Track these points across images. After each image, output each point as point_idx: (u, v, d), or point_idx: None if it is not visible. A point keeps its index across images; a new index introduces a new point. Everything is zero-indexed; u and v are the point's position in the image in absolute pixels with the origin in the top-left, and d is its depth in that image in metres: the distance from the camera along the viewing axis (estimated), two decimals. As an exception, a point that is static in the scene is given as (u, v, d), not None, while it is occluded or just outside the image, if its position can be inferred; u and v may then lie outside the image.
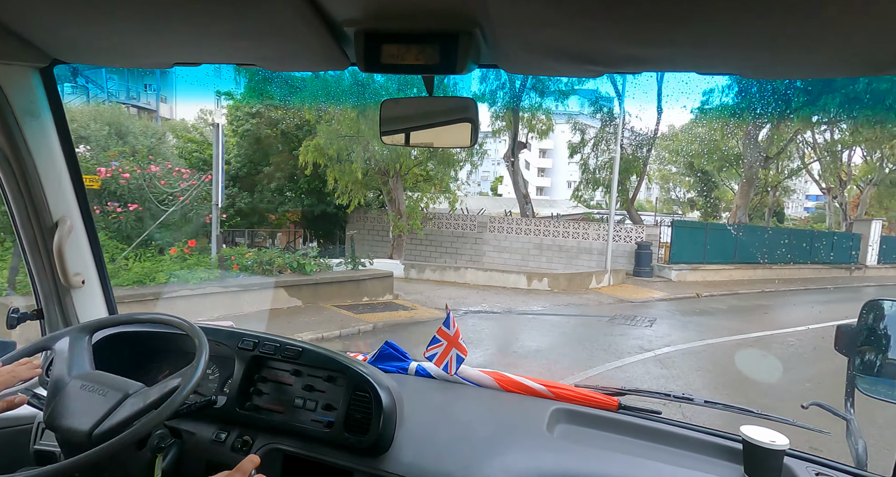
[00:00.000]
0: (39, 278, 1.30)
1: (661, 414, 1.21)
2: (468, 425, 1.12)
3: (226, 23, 0.81)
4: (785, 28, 0.70)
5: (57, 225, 1.25)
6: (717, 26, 0.71)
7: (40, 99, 1.17)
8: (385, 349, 1.40)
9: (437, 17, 0.76)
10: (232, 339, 1.19)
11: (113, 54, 1.03)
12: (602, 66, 0.88)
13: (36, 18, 0.86)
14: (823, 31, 0.70)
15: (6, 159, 1.16)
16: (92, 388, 0.93)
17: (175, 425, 1.12)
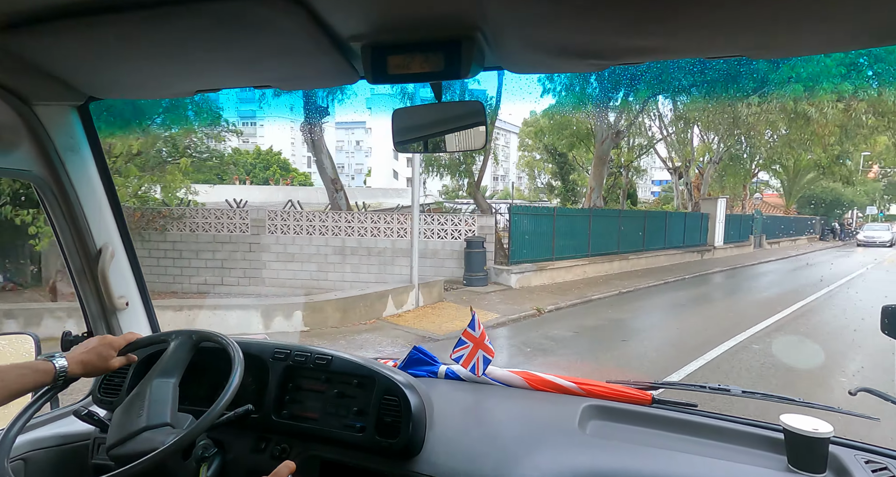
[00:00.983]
0: (88, 302, 1.37)
1: (697, 407, 1.18)
2: (499, 425, 1.12)
3: (241, 49, 0.85)
4: (789, 4, 0.68)
5: (100, 251, 1.32)
6: (720, 10, 0.70)
7: (79, 134, 1.24)
8: (414, 354, 1.41)
9: (439, 26, 0.79)
10: (265, 350, 1.24)
11: (140, 88, 1.11)
12: (606, 59, 0.88)
13: (73, 62, 0.94)
14: (829, 3, 0.68)
15: (52, 192, 1.23)
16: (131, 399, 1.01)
17: (217, 436, 1.12)
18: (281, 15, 0.73)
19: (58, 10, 0.75)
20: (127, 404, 1.01)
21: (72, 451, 1.26)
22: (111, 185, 1.35)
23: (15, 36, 0.81)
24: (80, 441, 1.21)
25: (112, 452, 0.93)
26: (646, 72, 9.86)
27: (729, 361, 5.28)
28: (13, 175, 1.20)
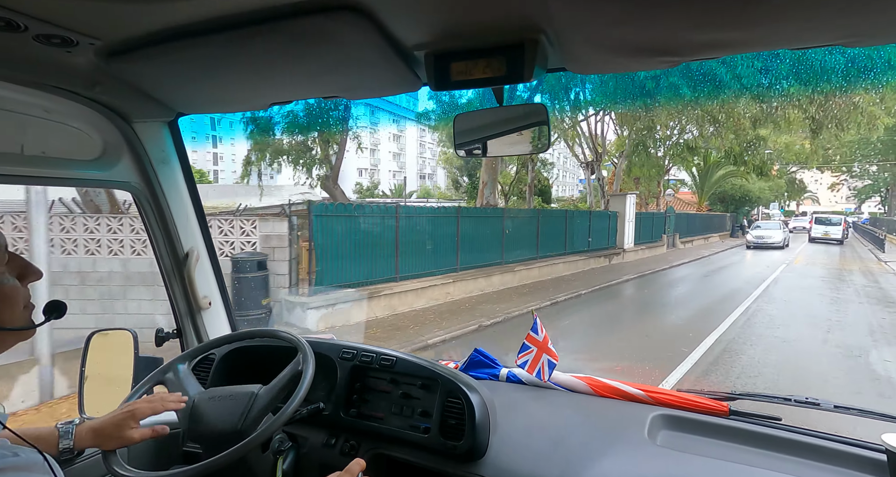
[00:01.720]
0: (176, 301, 1.46)
1: (781, 420, 1.11)
2: (563, 431, 1.11)
3: (313, 61, 0.89)
4: None
5: (187, 255, 1.42)
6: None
7: (169, 147, 1.33)
8: (475, 357, 1.41)
9: (501, 31, 0.79)
10: (333, 350, 1.30)
11: (221, 103, 1.19)
12: (679, 55, 0.84)
13: (165, 82, 1.02)
14: None
15: (147, 201, 1.34)
16: (220, 397, 1.04)
17: (292, 431, 1.22)
18: (349, 28, 0.76)
19: (154, 36, 0.83)
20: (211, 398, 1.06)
21: (165, 438, 1.24)
22: (196, 193, 1.44)
23: (119, 62, 0.90)
24: (172, 430, 1.18)
25: (241, 426, 0.98)
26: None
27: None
28: (116, 186, 1.30)
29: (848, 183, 47.89)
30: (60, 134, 1.10)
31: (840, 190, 52.06)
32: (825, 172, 47.31)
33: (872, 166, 39.93)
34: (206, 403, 1.05)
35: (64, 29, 0.77)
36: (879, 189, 41.29)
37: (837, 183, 48.35)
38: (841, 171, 44.56)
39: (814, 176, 55.76)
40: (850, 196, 51.05)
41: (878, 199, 46.66)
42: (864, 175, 41.70)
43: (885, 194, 42.05)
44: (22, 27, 0.75)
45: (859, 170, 42.08)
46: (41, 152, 1.06)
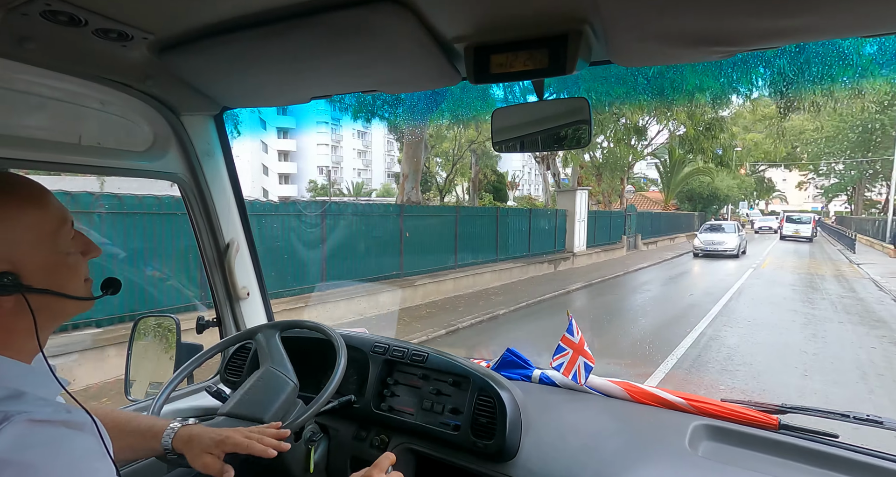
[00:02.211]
0: (217, 290, 1.50)
1: (839, 437, 1.03)
2: (598, 436, 1.07)
3: (354, 55, 0.89)
4: None
5: (228, 246, 1.46)
6: None
7: (214, 141, 1.37)
8: (507, 356, 1.39)
9: (544, 22, 0.77)
10: (365, 344, 1.31)
11: (265, 97, 1.21)
12: (735, 45, 0.80)
13: (213, 76, 1.06)
14: None
15: (192, 193, 1.37)
16: (254, 387, 1.07)
17: (323, 422, 1.24)
18: (390, 20, 0.76)
19: (203, 30, 0.85)
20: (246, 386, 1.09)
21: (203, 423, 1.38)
22: (238, 186, 1.48)
23: (170, 55, 0.92)
24: (210, 416, 1.24)
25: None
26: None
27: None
28: (164, 177, 1.32)
29: (815, 181, 47.35)
30: (114, 125, 1.14)
31: (807, 189, 51.74)
32: (793, 171, 46.59)
33: (839, 165, 39.20)
34: (242, 394, 1.07)
35: (121, 23, 0.81)
36: (846, 187, 40.72)
37: (805, 182, 47.87)
38: (808, 170, 43.88)
39: (782, 175, 55.43)
40: (818, 195, 50.77)
41: (844, 198, 46.29)
42: (831, 173, 41.03)
43: (851, 193, 41.51)
44: (83, 22, 0.78)
45: (826, 168, 41.31)
46: (97, 143, 1.10)
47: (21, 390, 0.58)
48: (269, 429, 0.95)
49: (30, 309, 0.59)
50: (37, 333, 0.61)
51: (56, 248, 0.64)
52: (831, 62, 6.37)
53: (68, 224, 0.66)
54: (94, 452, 0.57)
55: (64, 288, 0.64)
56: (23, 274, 0.59)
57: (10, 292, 0.58)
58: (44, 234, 0.62)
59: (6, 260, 0.58)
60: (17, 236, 0.59)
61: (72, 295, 0.65)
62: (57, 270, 0.64)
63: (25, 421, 0.53)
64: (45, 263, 0.62)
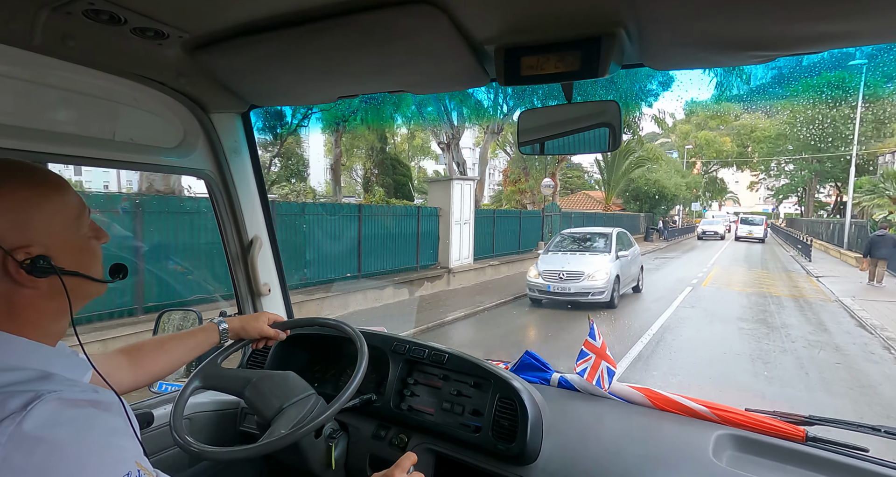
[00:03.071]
0: (239, 285, 1.51)
1: (869, 452, 1.00)
2: (620, 442, 1.07)
3: (384, 55, 0.90)
4: None
5: (252, 242, 1.47)
6: None
7: (241, 138, 1.39)
8: (526, 359, 1.38)
9: (577, 24, 0.76)
10: (385, 343, 1.31)
11: (292, 96, 1.25)
12: (774, 49, 0.80)
13: (242, 74, 1.07)
14: None
15: (219, 189, 1.39)
16: (280, 382, 1.08)
17: (343, 420, 1.24)
18: (422, 22, 0.77)
19: (236, 30, 0.86)
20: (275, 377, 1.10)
21: (224, 416, 1.40)
22: (263, 183, 1.50)
23: (202, 54, 0.94)
24: (230, 409, 1.29)
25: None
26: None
27: None
28: (192, 173, 1.34)
29: (766, 182, 45.46)
30: (146, 122, 1.15)
31: (759, 189, 50.09)
32: (744, 171, 44.60)
33: (789, 165, 37.00)
34: (268, 380, 1.08)
35: (158, 22, 0.83)
36: (796, 188, 38.87)
37: (756, 182, 46.12)
38: (759, 170, 41.80)
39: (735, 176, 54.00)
40: (769, 196, 49.19)
41: (794, 200, 44.75)
42: (781, 174, 39.03)
43: (801, 194, 39.71)
44: (123, 20, 0.81)
45: (777, 168, 39.15)
46: (130, 139, 1.12)
47: (49, 372, 0.59)
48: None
49: (65, 290, 0.62)
50: (71, 313, 0.65)
51: (80, 232, 0.67)
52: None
53: (87, 210, 0.69)
54: (122, 432, 0.58)
55: (89, 270, 0.67)
56: (55, 257, 0.62)
57: (46, 274, 0.60)
58: (69, 219, 0.65)
59: (41, 244, 0.60)
60: (48, 222, 0.62)
61: (96, 278, 0.68)
62: (82, 254, 0.67)
63: (56, 400, 0.54)
64: (72, 247, 0.65)
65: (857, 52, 17.43)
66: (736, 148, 41.01)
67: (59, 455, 0.50)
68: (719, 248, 23.18)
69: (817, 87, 21.74)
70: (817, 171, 33.97)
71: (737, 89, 18.76)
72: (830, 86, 21.27)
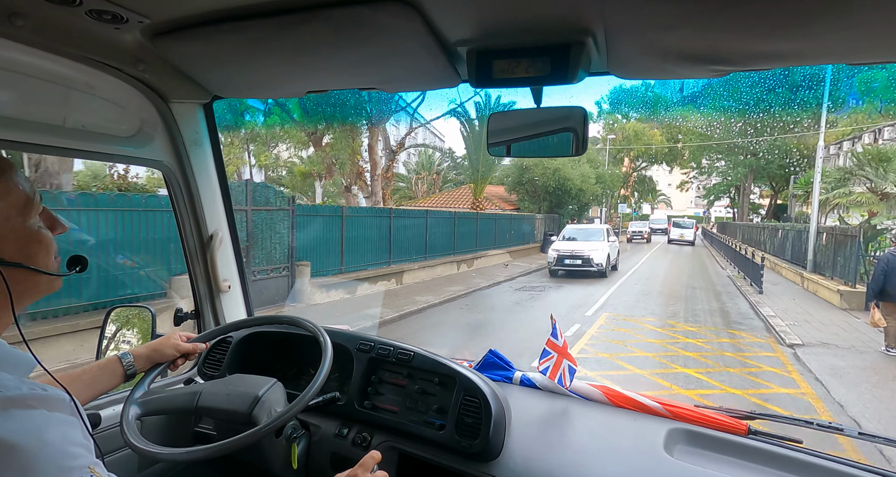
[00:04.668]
0: (197, 282, 1.47)
1: (803, 443, 1.07)
2: (578, 438, 1.11)
3: (355, 52, 0.89)
4: None
5: (212, 237, 1.43)
6: (879, 9, 0.64)
7: (203, 129, 1.35)
8: (489, 358, 1.39)
9: (549, 30, 0.79)
10: (351, 341, 1.29)
11: (258, 88, 1.21)
12: (728, 65, 0.84)
13: (205, 64, 1.03)
14: None
15: (177, 181, 1.34)
16: (237, 382, 1.07)
17: (304, 418, 1.23)
18: (395, 20, 0.76)
19: (202, 17, 0.83)
20: (228, 380, 1.09)
21: (178, 416, 1.33)
22: (224, 176, 1.45)
23: (164, 41, 0.90)
24: (185, 411, 1.23)
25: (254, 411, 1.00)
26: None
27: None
28: (149, 164, 1.29)
29: (697, 181, 39.92)
30: (101, 109, 1.10)
31: (689, 190, 45.01)
32: (674, 169, 38.88)
33: (720, 161, 31.34)
34: (222, 386, 1.06)
35: (117, 5, 0.79)
36: (729, 188, 33.48)
37: (687, 181, 40.85)
38: (690, 167, 35.97)
39: (667, 179, 49.02)
40: (699, 198, 44.13)
41: (726, 202, 39.90)
42: (713, 171, 33.46)
43: (734, 195, 34.39)
44: (77, 1, 0.76)
45: (708, 165, 33.44)
46: (82, 126, 1.07)
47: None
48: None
49: (4, 282, 0.59)
50: (12, 306, 0.61)
51: (26, 222, 0.64)
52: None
53: (37, 198, 0.66)
54: (74, 436, 0.57)
55: (35, 263, 0.64)
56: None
57: None
58: (13, 207, 0.62)
59: None
60: None
61: (45, 270, 0.65)
62: (28, 244, 0.64)
63: (1, 399, 0.52)
64: (17, 237, 0.62)
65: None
66: (666, 142, 35.21)
67: (9, 458, 0.49)
68: (635, 263, 16.36)
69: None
70: (752, 166, 28.47)
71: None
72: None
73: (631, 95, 31.05)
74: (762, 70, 0.84)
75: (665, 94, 28.74)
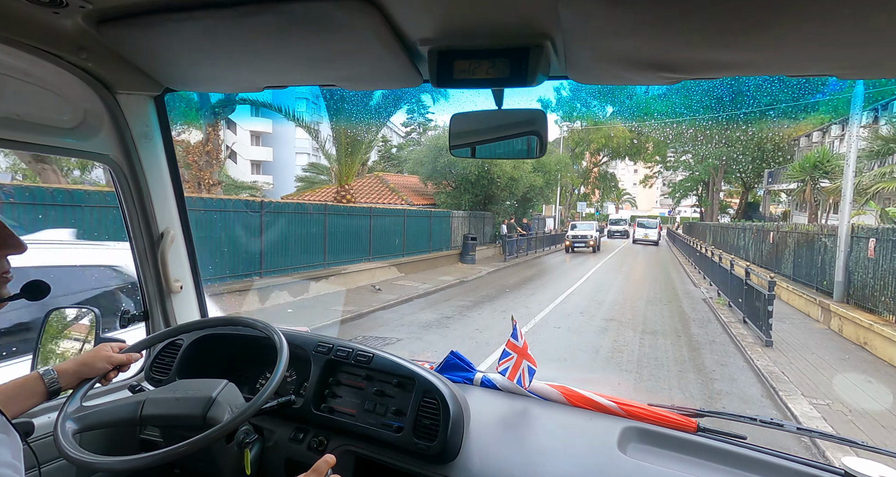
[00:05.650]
0: (146, 283, 1.40)
1: (747, 439, 1.12)
2: (535, 438, 1.11)
3: (314, 48, 0.87)
4: (886, 23, 0.65)
5: (162, 235, 1.36)
6: (817, 25, 0.67)
7: (153, 123, 1.28)
8: (451, 359, 1.38)
9: (508, 33, 0.80)
10: (308, 343, 1.26)
11: (213, 81, 1.14)
12: (679, 73, 0.86)
13: (156, 54, 0.98)
14: None
15: (124, 176, 1.28)
16: (185, 387, 1.02)
17: (258, 423, 1.18)
18: (356, 17, 0.74)
19: (150, 5, 0.78)
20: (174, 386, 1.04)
21: (121, 425, 1.25)
22: (177, 172, 1.39)
23: (109, 28, 0.85)
24: (128, 419, 1.20)
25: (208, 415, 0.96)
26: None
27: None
28: (92, 158, 1.23)
29: (662, 176, 35.94)
30: (39, 98, 1.04)
31: (653, 186, 41.35)
32: (639, 169, 34.84)
33: (687, 154, 27.24)
34: (168, 392, 1.02)
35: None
36: (697, 184, 29.47)
37: (651, 175, 36.93)
38: (654, 161, 31.89)
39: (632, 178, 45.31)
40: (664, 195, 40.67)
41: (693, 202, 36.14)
42: (679, 166, 29.47)
43: (701, 192, 30.37)
44: None
45: (674, 158, 31.97)
46: (16, 115, 1.01)
47: None
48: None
49: None
50: None
51: None
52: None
53: None
54: (2, 449, 0.54)
55: None
56: None
57: None
58: None
59: None
60: None
61: None
62: None
63: None
64: None
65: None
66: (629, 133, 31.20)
67: None
68: (565, 288, 11.39)
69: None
70: (724, 158, 24.33)
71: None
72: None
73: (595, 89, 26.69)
74: (709, 79, 0.87)
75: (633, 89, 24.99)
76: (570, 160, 30.88)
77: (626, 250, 23.84)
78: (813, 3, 0.60)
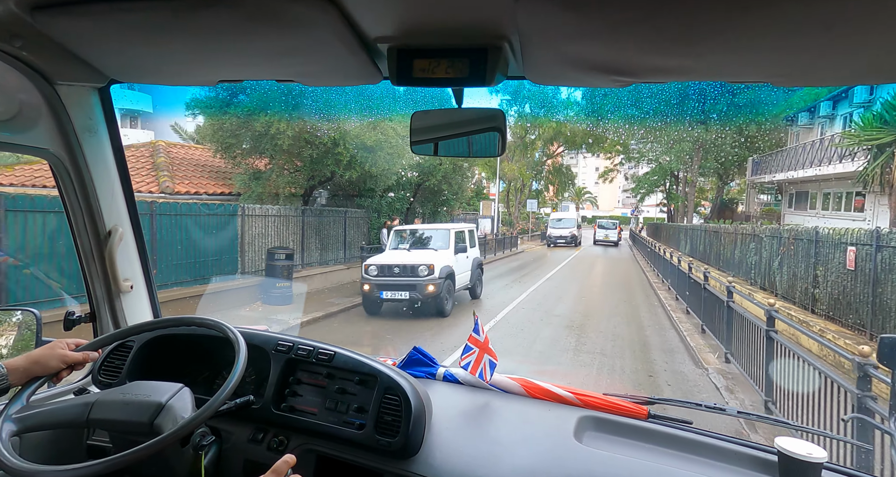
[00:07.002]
0: (93, 283, 1.37)
1: (693, 424, 1.20)
2: (495, 430, 1.15)
3: (269, 42, 0.86)
4: (820, 34, 0.69)
5: (110, 233, 1.33)
6: (749, 35, 0.71)
7: (98, 116, 1.25)
8: (414, 354, 1.41)
9: (467, 33, 0.82)
10: (268, 342, 1.24)
11: (163, 74, 1.10)
12: (629, 76, 0.90)
13: (99, 44, 0.93)
14: (861, 36, 0.69)
15: (66, 172, 1.25)
16: (136, 390, 0.97)
17: (215, 424, 1.15)
18: (313, 13, 0.74)
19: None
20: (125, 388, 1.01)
21: (67, 430, 1.23)
22: (125, 168, 1.36)
23: (46, 15, 0.81)
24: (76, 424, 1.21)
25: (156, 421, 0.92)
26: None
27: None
28: (31, 152, 1.20)
29: (624, 170, 30.26)
30: None
31: (614, 179, 36.11)
32: (599, 157, 29.58)
33: (653, 143, 24.33)
34: (118, 394, 0.98)
35: None
36: (664, 178, 23.90)
37: (612, 169, 31.66)
38: (615, 151, 26.12)
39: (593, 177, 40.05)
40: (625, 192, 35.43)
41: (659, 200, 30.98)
42: (643, 158, 23.47)
43: (669, 186, 24.80)
44: None
45: (637, 149, 26.86)
46: None
47: None
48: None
49: None
50: None
51: None
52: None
53: None
54: None
55: None
56: None
57: None
58: None
59: None
60: None
61: None
62: None
63: None
64: None
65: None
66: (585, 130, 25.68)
67: None
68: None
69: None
70: (700, 142, 18.67)
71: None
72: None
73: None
74: (658, 83, 0.92)
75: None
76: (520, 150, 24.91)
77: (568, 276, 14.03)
78: (747, 18, 0.65)
